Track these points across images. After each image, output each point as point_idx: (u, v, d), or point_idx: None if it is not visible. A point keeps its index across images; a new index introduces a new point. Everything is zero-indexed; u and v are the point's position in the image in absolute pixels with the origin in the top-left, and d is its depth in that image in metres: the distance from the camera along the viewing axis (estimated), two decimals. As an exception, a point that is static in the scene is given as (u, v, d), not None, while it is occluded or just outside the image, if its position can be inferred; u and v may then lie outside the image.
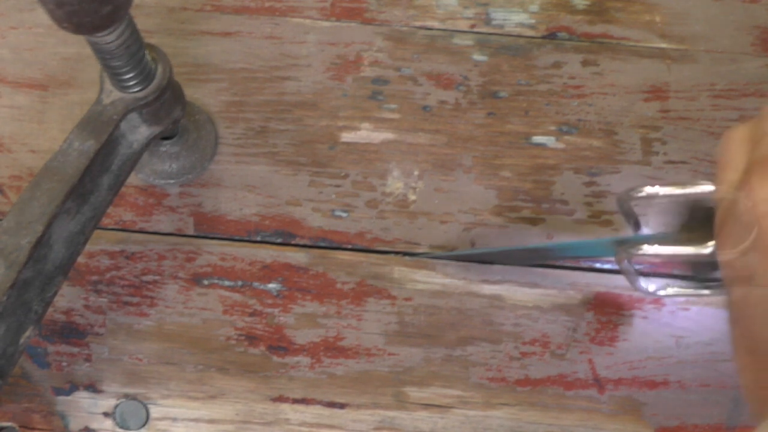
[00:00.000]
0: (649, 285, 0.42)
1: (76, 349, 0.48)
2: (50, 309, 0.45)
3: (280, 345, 0.48)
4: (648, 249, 0.39)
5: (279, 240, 0.49)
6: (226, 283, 0.49)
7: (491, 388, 0.48)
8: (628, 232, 0.45)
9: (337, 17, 0.53)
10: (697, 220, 0.41)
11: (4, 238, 0.37)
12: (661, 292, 0.42)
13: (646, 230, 0.44)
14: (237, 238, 0.49)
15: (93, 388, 0.47)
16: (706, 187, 0.39)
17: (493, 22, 0.53)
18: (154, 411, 0.47)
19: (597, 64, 0.53)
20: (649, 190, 0.40)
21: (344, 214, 0.50)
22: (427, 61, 0.52)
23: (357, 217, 0.50)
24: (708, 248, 0.37)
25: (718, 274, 0.38)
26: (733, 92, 0.52)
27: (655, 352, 0.48)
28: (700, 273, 0.46)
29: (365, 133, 0.51)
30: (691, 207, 0.42)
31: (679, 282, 0.44)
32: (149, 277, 0.49)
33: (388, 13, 0.53)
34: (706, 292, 0.42)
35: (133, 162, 0.43)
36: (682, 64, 0.53)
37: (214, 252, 0.49)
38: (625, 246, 0.41)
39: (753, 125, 0.36)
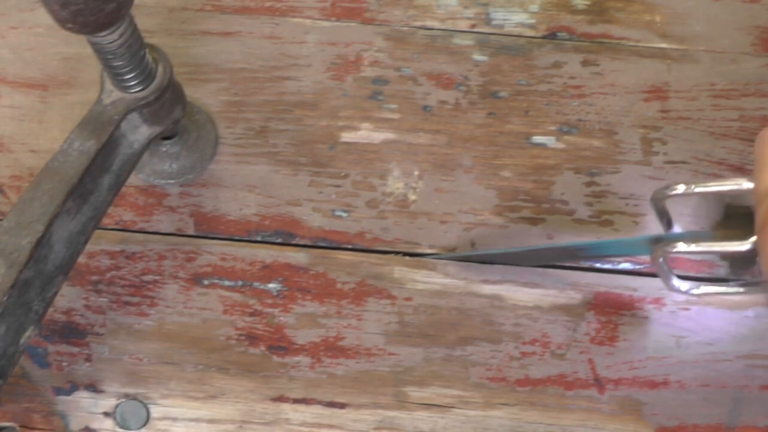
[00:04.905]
0: (682, 284, 0.41)
1: (76, 349, 0.48)
2: (50, 309, 0.45)
3: (281, 345, 0.48)
4: (684, 246, 0.38)
5: (279, 240, 0.49)
6: (227, 283, 0.49)
7: (491, 388, 0.48)
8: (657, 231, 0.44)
9: (337, 17, 0.53)
10: (734, 216, 0.40)
11: (4, 238, 0.37)
12: (695, 291, 0.41)
13: (677, 229, 0.43)
14: (237, 238, 0.49)
15: (93, 387, 0.47)
16: (742, 183, 0.37)
17: (493, 22, 0.53)
18: (155, 411, 0.47)
19: (597, 64, 0.53)
20: (683, 187, 0.39)
21: (344, 214, 0.50)
22: (427, 61, 0.52)
23: (357, 217, 0.50)
24: (746, 245, 0.36)
25: (755, 271, 0.36)
26: (734, 92, 0.52)
27: (655, 352, 0.48)
28: (736, 270, 0.45)
29: (365, 133, 0.51)
30: (725, 203, 0.41)
31: (711, 282, 0.42)
32: (149, 277, 0.49)
33: (388, 13, 0.53)
34: (740, 290, 0.40)
35: (133, 162, 0.43)
36: (682, 64, 0.53)
37: (214, 252, 0.49)
38: (662, 244, 0.40)
39: None
